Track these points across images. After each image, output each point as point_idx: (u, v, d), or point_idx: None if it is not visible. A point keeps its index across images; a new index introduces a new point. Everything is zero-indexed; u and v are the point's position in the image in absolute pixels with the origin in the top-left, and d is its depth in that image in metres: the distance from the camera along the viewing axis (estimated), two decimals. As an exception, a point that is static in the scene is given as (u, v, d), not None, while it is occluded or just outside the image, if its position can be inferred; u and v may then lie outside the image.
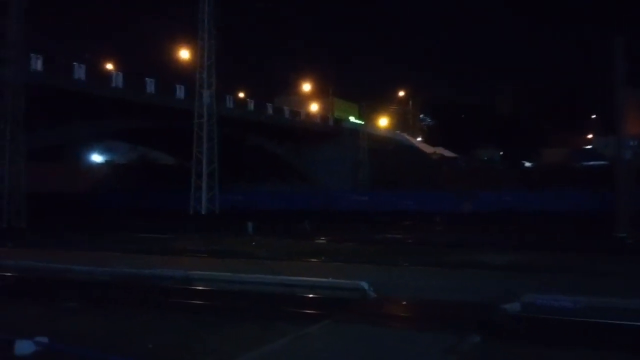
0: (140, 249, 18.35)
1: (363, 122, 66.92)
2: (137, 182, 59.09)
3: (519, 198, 40.45)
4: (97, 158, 70.04)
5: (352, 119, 72.07)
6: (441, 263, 14.43)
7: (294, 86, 76.05)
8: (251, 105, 51.09)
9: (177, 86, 42.80)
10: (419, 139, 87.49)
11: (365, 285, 10.39)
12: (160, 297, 10.63)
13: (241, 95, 56.54)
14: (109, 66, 45.38)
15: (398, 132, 78.75)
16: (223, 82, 41.89)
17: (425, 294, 10.37)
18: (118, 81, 39.06)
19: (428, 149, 75.84)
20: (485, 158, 78.36)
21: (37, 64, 33.89)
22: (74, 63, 36.61)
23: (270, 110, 53.23)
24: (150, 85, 40.95)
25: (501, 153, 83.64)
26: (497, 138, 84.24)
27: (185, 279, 11.98)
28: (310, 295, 10.30)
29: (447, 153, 75.77)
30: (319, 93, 75.03)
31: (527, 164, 72.30)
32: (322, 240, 23.67)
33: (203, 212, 36.50)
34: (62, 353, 7.12)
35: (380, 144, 62.91)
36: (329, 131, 59.19)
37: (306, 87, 73.76)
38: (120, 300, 10.45)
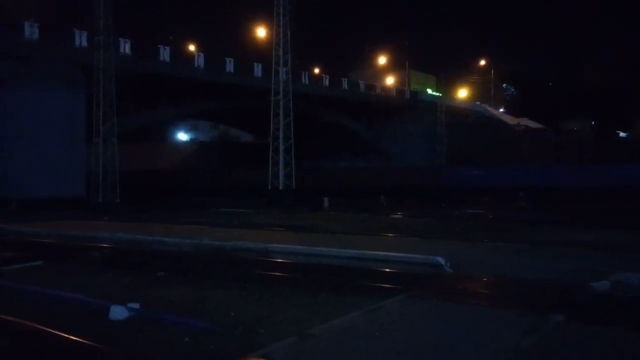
0: (222, 222, 19.21)
1: (441, 95, 64.92)
2: (219, 159, 61.46)
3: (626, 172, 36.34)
4: (182, 136, 73.46)
5: (429, 91, 70.17)
6: (523, 240, 13.86)
7: (369, 60, 75.15)
8: (326, 81, 51.14)
9: (255, 64, 43.70)
10: (502, 110, 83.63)
11: (442, 260, 10.23)
12: (241, 268, 11.08)
13: (316, 71, 56.71)
14: (191, 47, 47.04)
15: (478, 103, 75.71)
16: (299, 59, 42.27)
17: (506, 272, 10.03)
18: (200, 62, 40.51)
19: (511, 120, 72.40)
20: (575, 129, 73.60)
21: (126, 48, 35.82)
22: (159, 46, 38.33)
23: (345, 85, 53.02)
24: (229, 65, 42.11)
25: (592, 123, 78.18)
26: (586, 108, 78.73)
27: (264, 251, 12.39)
28: (385, 270, 10.30)
29: (533, 124, 71.94)
30: (395, 66, 73.60)
31: (622, 134, 67.12)
32: (398, 215, 23.52)
33: (280, 188, 37.37)
34: (153, 319, 7.65)
35: (459, 116, 60.88)
36: (405, 105, 58.08)
37: (381, 60, 72.58)
38: (204, 271, 11.02)
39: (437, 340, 6.14)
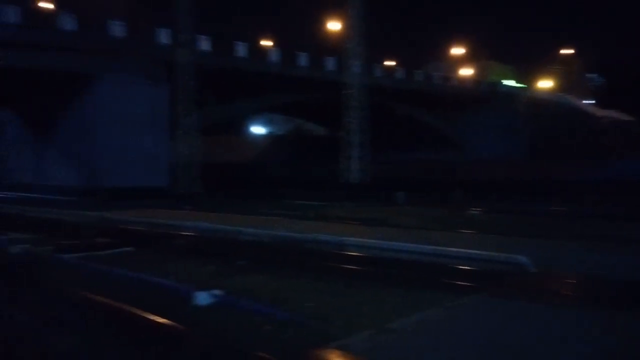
0: (297, 215, 19.56)
1: (520, 85, 62.06)
2: (293, 152, 62.45)
3: None
4: (258, 130, 75.28)
5: (508, 82, 67.30)
6: (611, 237, 13.03)
7: (444, 51, 73.13)
8: (400, 73, 50.43)
9: (328, 58, 43.91)
10: (587, 101, 78.62)
11: (523, 258, 9.83)
12: (317, 260, 11.24)
13: (390, 63, 56.04)
14: (267, 43, 48.02)
15: (562, 94, 71.62)
16: (372, 51, 41.90)
17: (590, 270, 9.49)
18: (275, 57, 41.28)
19: (597, 112, 67.92)
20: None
21: (205, 45, 37.20)
22: (236, 42, 39.45)
23: (419, 77, 52.02)
24: (303, 59, 42.60)
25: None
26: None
27: (339, 244, 12.49)
28: (463, 267, 10.06)
29: (621, 116, 67.05)
30: (472, 56, 71.17)
31: None
32: (476, 210, 22.84)
33: (354, 181, 37.41)
34: (234, 305, 7.96)
35: (540, 107, 57.92)
36: (482, 96, 56.05)
37: (458, 51, 70.42)
38: (282, 261, 11.30)
39: (520, 341, 5.94)
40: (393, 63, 56.85)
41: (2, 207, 24.68)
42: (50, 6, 41.40)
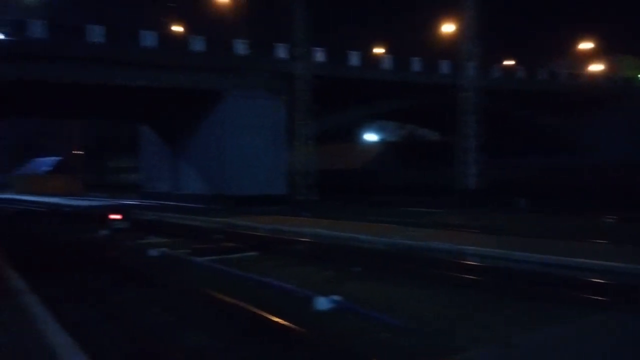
0: (411, 222, 19.40)
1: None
2: (405, 158, 61.85)
3: None
4: (370, 137, 75.75)
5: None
6: None
7: (570, 46, 67.87)
8: (520, 73, 47.83)
9: (442, 62, 43.02)
10: None
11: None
12: (434, 269, 11.10)
13: (509, 63, 53.38)
14: (378, 50, 48.25)
15: None
16: (489, 52, 40.31)
17: None
18: (387, 64, 41.38)
19: None
20: None
21: (320, 57, 38.41)
22: (349, 51, 40.19)
23: (542, 76, 48.87)
24: (416, 64, 42.18)
25: None
26: None
27: (456, 253, 12.22)
28: (594, 280, 9.34)
29: None
30: (603, 51, 65.21)
31: None
32: (610, 219, 20.94)
33: (470, 188, 36.15)
34: (353, 311, 8.15)
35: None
36: (614, 94, 51.12)
37: (586, 45, 65.01)
38: (397, 269, 11.31)
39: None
40: (512, 62, 54.07)
41: (143, 213, 27.48)
42: (181, 29, 45.32)
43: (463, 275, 10.36)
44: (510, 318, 7.75)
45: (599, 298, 8.30)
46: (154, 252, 14.19)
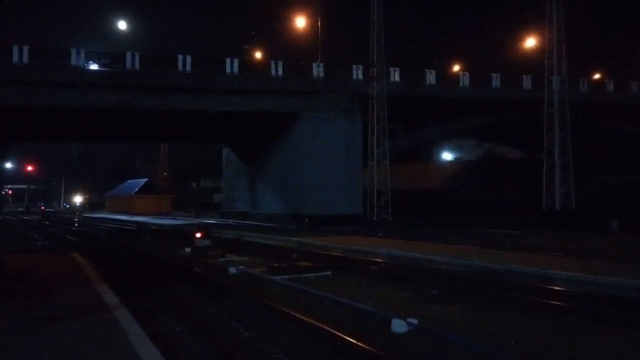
0: (491, 244, 18.64)
1: None
2: (484, 177, 59.79)
3: None
4: (447, 156, 74.10)
5: None
6: None
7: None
8: (609, 86, 45.04)
9: (524, 76, 41.55)
10: None
11: None
12: (517, 293, 10.56)
13: (597, 76, 50.43)
14: (456, 67, 47.43)
15: None
16: (575, 65, 38.37)
17: None
18: (465, 81, 40.57)
19: None
20: None
21: (395, 76, 38.40)
22: (425, 70, 39.88)
23: (634, 89, 45.69)
24: (495, 80, 41.00)
25: None
26: None
27: (542, 277, 11.58)
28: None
29: None
30: None
31: None
32: None
33: (557, 208, 34.18)
34: (431, 335, 7.90)
35: None
36: None
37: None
38: (477, 293, 10.88)
39: None
40: (600, 76, 51.03)
41: (222, 232, 28.47)
42: (260, 56, 47.11)
43: (547, 301, 9.77)
44: (608, 348, 7.19)
45: None
46: (233, 270, 14.62)
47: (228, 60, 35.14)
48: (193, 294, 11.72)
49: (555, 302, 9.66)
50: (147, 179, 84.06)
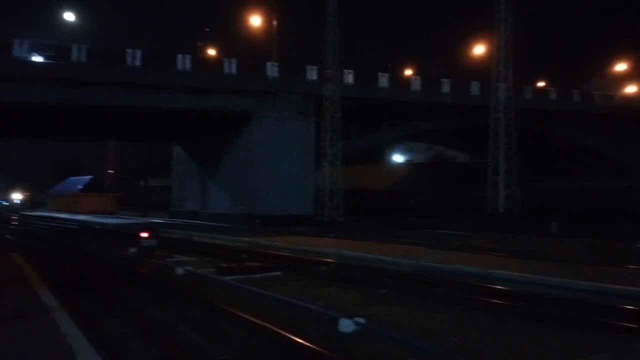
0: (439, 244, 19.10)
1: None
2: (433, 179, 61.27)
3: None
4: (397, 158, 75.46)
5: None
6: None
7: (605, 67, 66.65)
8: (553, 94, 47.12)
9: (472, 83, 42.79)
10: None
11: None
12: (461, 292, 10.83)
13: (542, 84, 52.69)
14: (408, 72, 48.40)
15: None
16: (521, 73, 39.93)
17: None
18: (416, 85, 41.40)
19: None
20: None
21: (349, 78, 38.75)
22: (378, 73, 40.43)
23: (576, 97, 48.01)
24: (445, 86, 42.06)
25: None
26: None
27: (485, 277, 11.93)
28: (632, 307, 8.94)
29: None
30: (638, 73, 63.74)
31: None
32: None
33: (501, 211, 35.45)
34: (377, 334, 7.98)
35: None
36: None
37: (621, 67, 63.73)
38: (424, 292, 11.09)
39: None
40: (545, 84, 53.38)
41: (170, 232, 27.84)
42: (214, 52, 46.43)
43: (491, 300, 10.08)
44: (544, 346, 7.45)
45: (636, 326, 7.94)
46: (180, 271, 14.30)
47: (180, 57, 34.41)
48: (138, 295, 11.37)
49: (496, 301, 9.97)
50: (92, 177, 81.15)
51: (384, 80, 40.18)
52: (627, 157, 49.67)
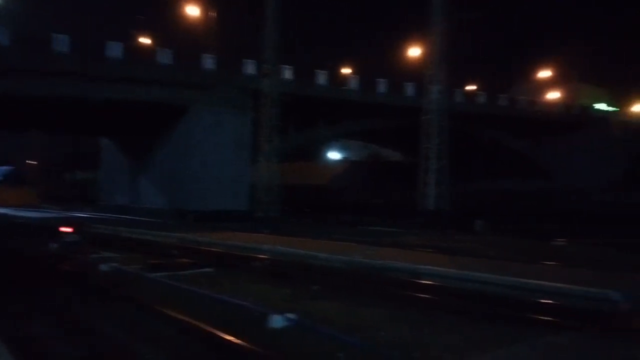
0: (371, 241, 19.47)
1: (614, 109, 58.36)
2: (368, 177, 62.46)
3: None
4: (334, 156, 76.22)
5: (600, 105, 63.52)
6: None
7: (530, 74, 70.58)
8: (483, 98, 49.25)
9: (407, 84, 43.90)
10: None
11: (616, 295, 9.13)
12: (392, 288, 11.09)
13: (473, 87, 54.91)
14: (346, 71, 48.92)
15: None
16: (453, 76, 41.38)
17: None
18: (354, 84, 41.94)
19: None
20: None
21: (288, 74, 38.64)
22: (316, 70, 40.58)
23: (503, 102, 50.44)
24: (382, 86, 42.90)
25: None
26: None
27: (414, 273, 12.27)
28: (547, 301, 9.51)
29: None
30: (561, 79, 68.06)
31: None
32: (561, 241, 21.56)
33: (431, 209, 36.67)
34: (309, 330, 8.01)
35: (638, 133, 54.04)
36: (572, 121, 53.24)
37: (545, 73, 67.72)
38: (355, 288, 11.25)
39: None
40: (475, 87, 55.69)
41: (98, 227, 26.64)
42: (148, 42, 44.83)
43: (419, 295, 10.39)
44: (468, 338, 7.76)
45: (552, 319, 8.43)
46: (105, 267, 13.71)
47: (111, 44, 32.91)
48: (60, 294, 10.80)
49: (424, 296, 10.30)
50: (12, 168, 76.13)
51: (322, 77, 40.41)
52: (547, 160, 52.81)
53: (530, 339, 7.30)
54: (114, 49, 32.79)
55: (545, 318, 8.53)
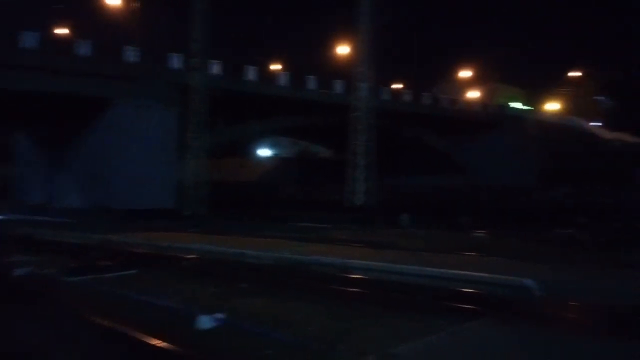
0: (300, 237, 19.55)
1: (528, 108, 62.23)
2: (298, 174, 62.71)
3: None
4: (264, 152, 75.80)
5: (516, 105, 67.52)
6: (623, 263, 12.91)
7: (452, 73, 73.67)
8: (408, 96, 50.80)
9: (336, 81, 44.47)
10: (596, 123, 78.51)
11: (530, 283, 9.76)
12: (320, 283, 11.23)
13: (399, 86, 56.48)
14: (276, 67, 48.76)
15: (570, 117, 71.68)
16: (380, 74, 42.40)
17: (603, 298, 9.37)
18: (284, 81, 41.91)
19: (607, 134, 67.87)
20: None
21: (216, 69, 37.97)
22: (246, 65, 40.18)
23: (427, 100, 52.32)
24: (311, 83, 43.18)
25: None
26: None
27: (342, 267, 12.49)
28: (467, 290, 10.01)
29: (631, 139, 66.87)
30: (480, 79, 71.65)
31: None
32: (481, 233, 22.74)
33: (358, 204, 37.42)
34: (237, 329, 7.97)
35: (549, 130, 57.98)
36: (490, 119, 56.24)
37: (465, 73, 70.94)
38: (284, 284, 11.29)
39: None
40: (401, 86, 57.35)
41: (9, 228, 24.92)
42: (67, 32, 42.46)
43: (347, 289, 10.59)
44: (392, 329, 8.00)
45: (472, 307, 8.87)
46: (20, 272, 12.86)
47: (26, 33, 30.87)
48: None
49: (351, 289, 10.51)
50: None
51: (252, 73, 40.06)
52: (466, 158, 55.37)
53: (448, 327, 7.66)
54: (30, 39, 30.82)
55: (466, 306, 8.97)
